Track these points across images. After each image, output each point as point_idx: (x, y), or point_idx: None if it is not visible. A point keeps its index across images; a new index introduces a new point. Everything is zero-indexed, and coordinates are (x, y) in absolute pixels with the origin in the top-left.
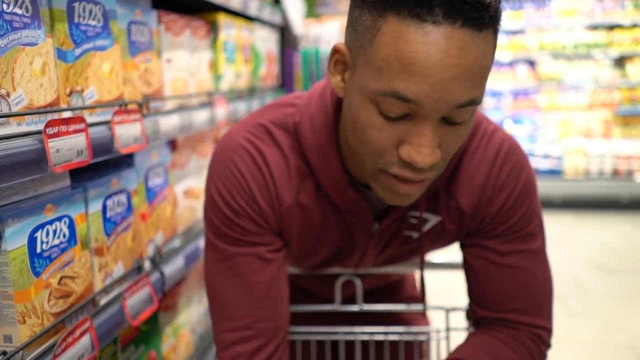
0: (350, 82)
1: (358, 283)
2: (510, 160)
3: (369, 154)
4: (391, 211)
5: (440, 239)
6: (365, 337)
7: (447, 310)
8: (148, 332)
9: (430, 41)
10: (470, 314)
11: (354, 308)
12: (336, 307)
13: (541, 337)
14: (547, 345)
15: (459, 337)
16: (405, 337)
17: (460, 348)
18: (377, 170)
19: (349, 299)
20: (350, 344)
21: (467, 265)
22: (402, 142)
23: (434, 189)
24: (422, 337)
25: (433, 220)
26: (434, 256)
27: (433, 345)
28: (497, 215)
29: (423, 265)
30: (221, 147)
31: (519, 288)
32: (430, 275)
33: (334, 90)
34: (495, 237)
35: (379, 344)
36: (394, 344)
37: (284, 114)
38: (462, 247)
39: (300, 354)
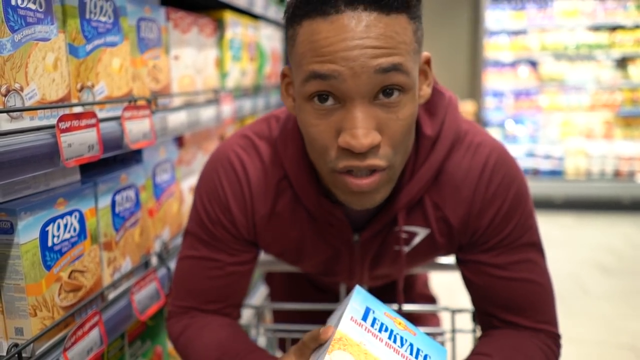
0: (295, 96)
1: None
2: (499, 172)
3: (318, 156)
4: (371, 222)
5: (432, 252)
6: None
7: (453, 312)
8: (154, 327)
9: (335, 26)
10: (480, 320)
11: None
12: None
13: (557, 342)
14: (560, 352)
15: (465, 339)
16: None
17: (484, 343)
18: (330, 173)
19: None
20: None
21: (467, 280)
22: (339, 132)
23: (416, 199)
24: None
25: (422, 233)
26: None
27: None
28: (488, 228)
29: (402, 278)
30: (212, 157)
31: (527, 298)
32: (433, 275)
33: (290, 112)
34: (489, 250)
35: None
36: None
37: (269, 127)
38: (459, 263)
39: None
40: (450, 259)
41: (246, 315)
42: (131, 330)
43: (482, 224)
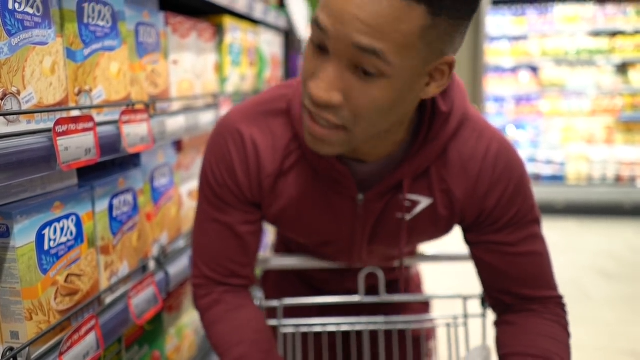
0: None
1: (380, 275)
2: (503, 155)
3: (302, 88)
4: (377, 183)
5: (431, 225)
6: (374, 327)
7: (465, 298)
8: (152, 332)
9: None
10: (492, 301)
11: (375, 299)
12: (360, 298)
13: (564, 305)
14: (566, 311)
15: (475, 323)
16: (414, 326)
17: (509, 337)
18: (302, 108)
19: (354, 293)
20: (357, 336)
21: (479, 261)
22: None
23: (422, 169)
24: (428, 325)
25: (425, 202)
26: (434, 249)
27: (452, 332)
28: (495, 209)
29: (403, 243)
30: (220, 127)
31: (533, 270)
32: (440, 266)
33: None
34: (501, 229)
35: (388, 333)
36: (400, 333)
37: (279, 95)
38: (470, 244)
39: (313, 346)
40: (460, 251)
41: None
42: (128, 335)
43: (488, 204)
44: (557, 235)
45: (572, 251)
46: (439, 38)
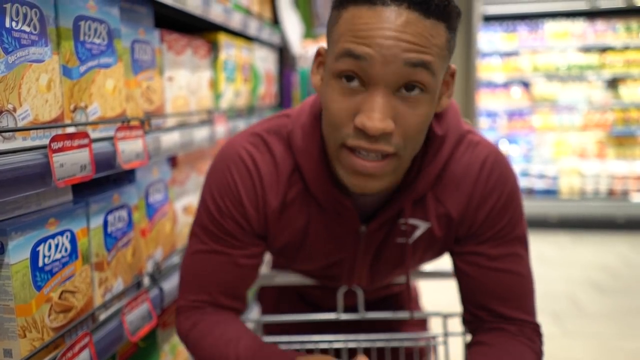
0: (323, 74)
1: (359, 292)
2: (497, 168)
3: (332, 130)
4: (379, 214)
5: (430, 248)
6: (367, 345)
7: (445, 316)
8: (146, 349)
9: (378, 15)
10: (467, 316)
11: (355, 316)
12: (337, 315)
13: (541, 334)
14: (542, 341)
15: (456, 342)
16: (407, 344)
17: (479, 357)
18: (339, 149)
19: (351, 309)
20: (352, 353)
21: (460, 272)
22: (357, 113)
23: (421, 194)
24: (421, 343)
25: (423, 227)
26: (425, 266)
27: (431, 350)
28: (485, 221)
29: (409, 271)
30: (221, 155)
31: (511, 289)
32: (426, 284)
33: (313, 87)
34: (485, 241)
35: (381, 351)
36: (394, 351)
37: (279, 124)
38: (453, 255)
39: None
40: (441, 268)
41: None
42: (122, 352)
43: (479, 216)
44: (550, 249)
45: (565, 265)
46: (451, 49)
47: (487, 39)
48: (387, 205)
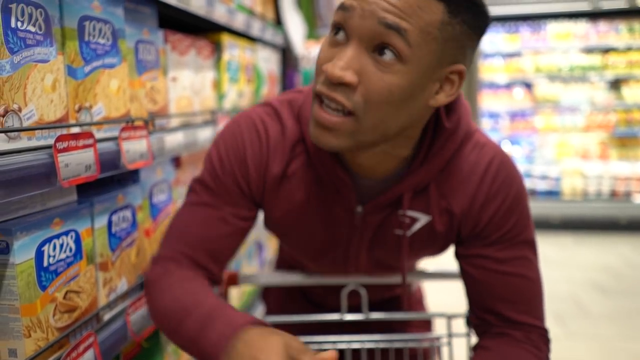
0: None
1: (363, 292)
2: (503, 170)
3: (314, 78)
4: (378, 197)
5: (429, 243)
6: (371, 345)
7: (449, 317)
8: (150, 349)
9: None
10: (474, 320)
11: (359, 317)
12: (341, 316)
13: (548, 340)
14: (550, 348)
15: (460, 343)
16: (410, 344)
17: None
18: (313, 98)
19: (355, 310)
20: (356, 354)
21: (466, 275)
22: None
23: (423, 184)
24: (425, 344)
25: (423, 219)
26: (431, 266)
27: (435, 351)
28: (490, 222)
29: (405, 262)
30: (235, 118)
31: (519, 293)
32: (430, 285)
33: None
34: (492, 244)
35: (385, 352)
36: (398, 352)
37: (291, 98)
38: (459, 258)
39: None
40: (446, 269)
41: None
42: (126, 352)
43: (484, 217)
44: (553, 250)
45: (568, 266)
46: (454, 40)
47: (489, 39)
48: (386, 189)
